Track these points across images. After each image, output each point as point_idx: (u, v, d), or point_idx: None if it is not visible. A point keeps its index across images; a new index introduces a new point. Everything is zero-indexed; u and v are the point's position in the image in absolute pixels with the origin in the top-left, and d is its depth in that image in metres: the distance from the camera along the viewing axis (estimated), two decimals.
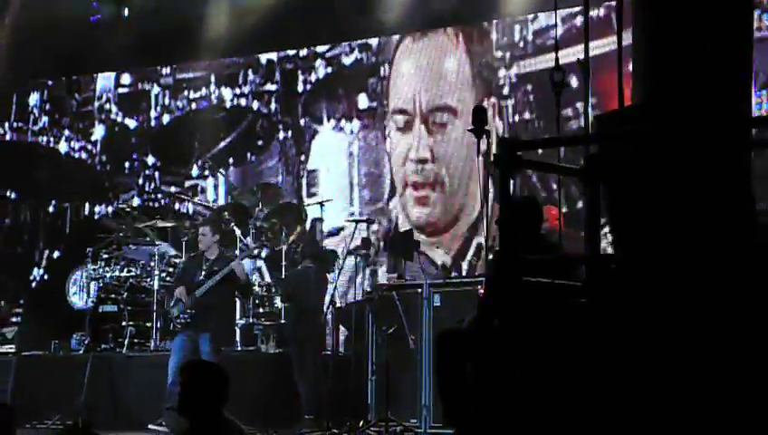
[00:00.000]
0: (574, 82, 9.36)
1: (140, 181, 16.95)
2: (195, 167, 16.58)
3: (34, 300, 16.51)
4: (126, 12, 16.33)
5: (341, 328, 12.57)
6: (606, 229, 5.81)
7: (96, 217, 16.88)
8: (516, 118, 14.36)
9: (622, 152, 5.19)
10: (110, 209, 16.51)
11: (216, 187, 16.35)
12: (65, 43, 16.10)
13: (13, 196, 17.71)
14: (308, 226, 14.12)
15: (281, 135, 16.14)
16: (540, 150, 9.14)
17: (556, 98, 6.79)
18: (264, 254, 13.54)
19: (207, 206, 15.70)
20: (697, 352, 4.78)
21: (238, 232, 13.89)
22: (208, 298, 11.93)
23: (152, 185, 16.82)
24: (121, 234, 14.67)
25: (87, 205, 17.09)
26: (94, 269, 14.29)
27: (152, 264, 13.84)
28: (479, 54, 14.74)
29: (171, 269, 13.63)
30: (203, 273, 12.11)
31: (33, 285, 17.10)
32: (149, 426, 11.96)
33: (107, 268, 14.21)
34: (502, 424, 5.17)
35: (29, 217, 17.59)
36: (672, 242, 4.96)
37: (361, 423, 11.20)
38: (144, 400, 12.45)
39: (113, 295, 13.94)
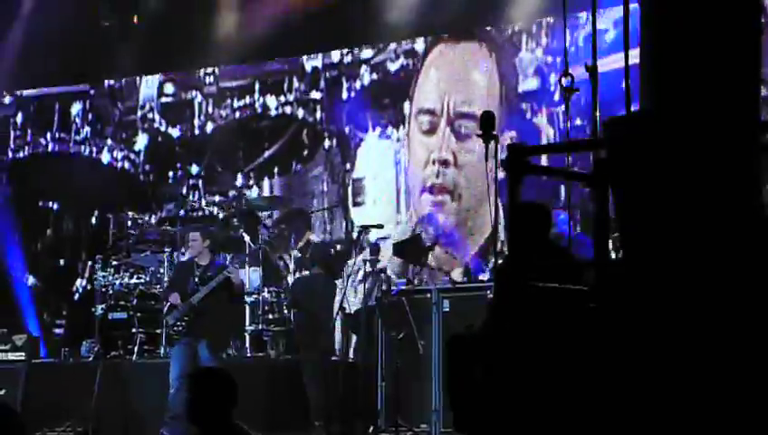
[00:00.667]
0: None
1: (184, 191, 16.82)
2: (239, 176, 16.49)
3: (77, 311, 16.48)
4: (135, 19, 16.37)
5: (351, 334, 12.56)
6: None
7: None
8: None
9: (631, 157, 5.18)
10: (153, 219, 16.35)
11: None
12: (79, 49, 16.19)
13: (55, 207, 17.70)
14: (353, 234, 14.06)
15: (326, 143, 16.02)
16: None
17: (565, 103, 6.79)
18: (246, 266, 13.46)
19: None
20: (707, 357, 4.77)
21: (247, 238, 13.89)
22: (205, 304, 11.87)
23: (196, 194, 16.74)
24: (130, 241, 14.68)
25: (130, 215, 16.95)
26: (104, 276, 14.32)
27: (161, 270, 13.84)
28: (508, 69, 14.63)
29: None
30: (196, 279, 12.07)
31: (76, 296, 17.04)
32: None
33: (116, 275, 14.23)
34: (512, 429, 5.16)
35: (71, 229, 17.55)
36: (681, 247, 4.95)
37: (371, 429, 11.22)
38: (154, 406, 12.43)
39: (123, 302, 13.94)
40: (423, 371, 11.06)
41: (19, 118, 18.09)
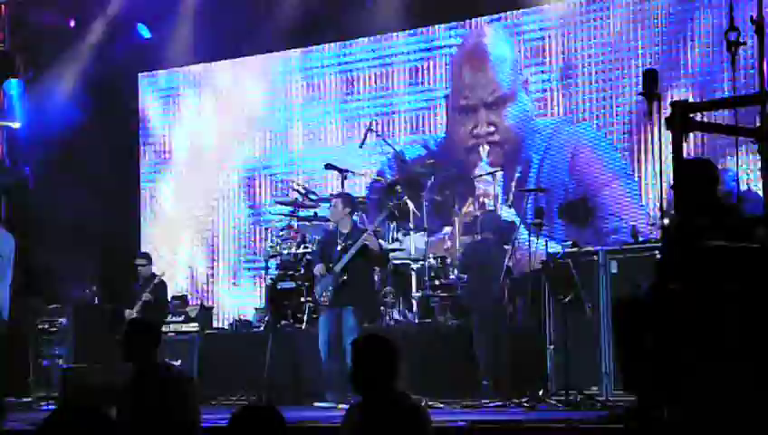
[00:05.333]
0: None
1: None
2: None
3: None
4: None
5: (518, 298, 12.51)
6: None
7: None
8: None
9: None
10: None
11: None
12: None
13: None
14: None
15: None
16: None
17: (731, 58, 6.62)
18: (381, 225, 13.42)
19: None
20: None
21: (411, 205, 13.90)
22: (347, 272, 12.09)
23: None
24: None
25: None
26: (271, 247, 14.53)
27: None
28: None
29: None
30: (339, 247, 12.29)
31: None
32: (315, 404, 12.13)
33: (284, 245, 14.40)
34: (683, 390, 5.09)
35: None
36: None
37: (542, 392, 11.17)
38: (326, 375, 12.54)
39: (291, 272, 14.10)
40: (592, 333, 10.96)
41: None
